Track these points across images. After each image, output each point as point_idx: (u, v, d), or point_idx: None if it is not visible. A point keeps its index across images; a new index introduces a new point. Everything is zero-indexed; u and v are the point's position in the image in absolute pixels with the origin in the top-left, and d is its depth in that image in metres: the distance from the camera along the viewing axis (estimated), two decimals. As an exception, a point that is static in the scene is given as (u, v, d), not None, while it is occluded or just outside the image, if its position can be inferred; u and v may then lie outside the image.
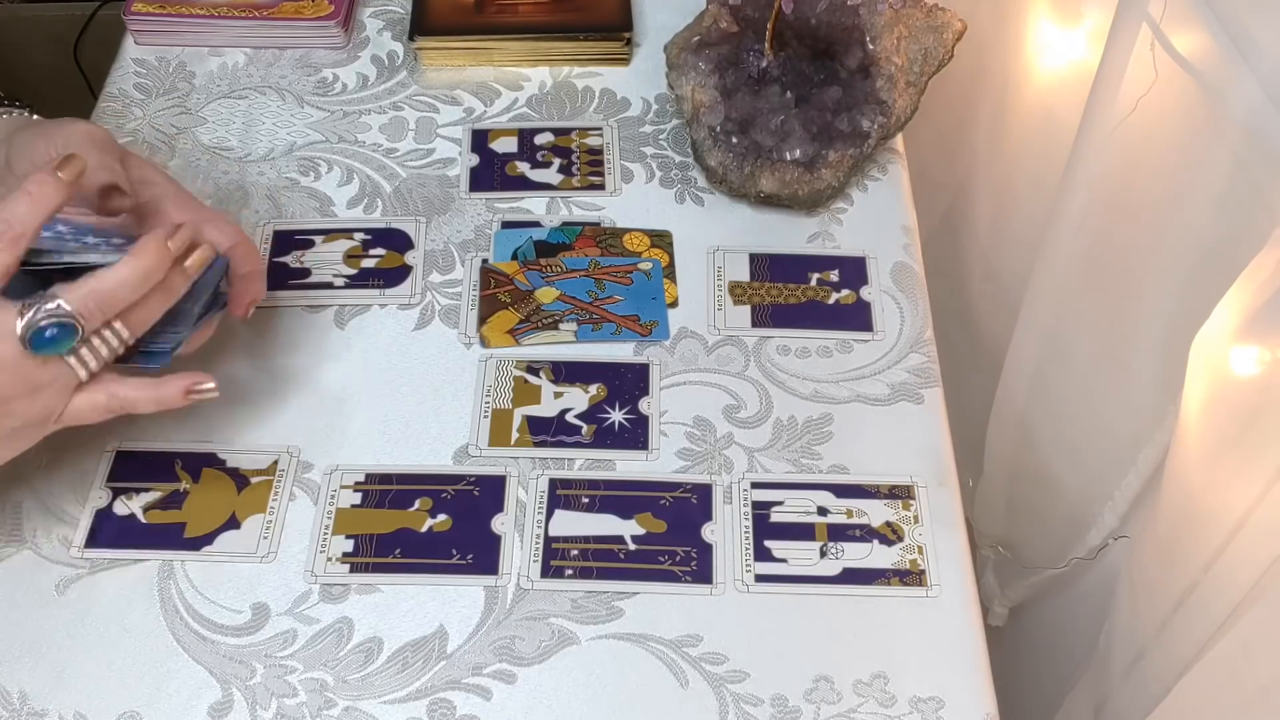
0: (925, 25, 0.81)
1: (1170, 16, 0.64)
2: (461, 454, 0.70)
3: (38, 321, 0.55)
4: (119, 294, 0.57)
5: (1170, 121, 0.67)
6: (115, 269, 0.57)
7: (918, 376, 0.73)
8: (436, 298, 0.77)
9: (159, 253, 0.58)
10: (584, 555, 0.66)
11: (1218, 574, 0.60)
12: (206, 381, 0.62)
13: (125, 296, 0.57)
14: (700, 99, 0.81)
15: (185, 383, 0.61)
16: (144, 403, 0.60)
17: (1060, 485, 0.87)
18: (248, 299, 0.66)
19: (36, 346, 0.55)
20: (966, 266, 1.03)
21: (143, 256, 0.57)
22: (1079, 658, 0.86)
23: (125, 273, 0.57)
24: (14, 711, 0.60)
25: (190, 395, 0.61)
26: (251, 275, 0.66)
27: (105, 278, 0.56)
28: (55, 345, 0.56)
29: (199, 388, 0.61)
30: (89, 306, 0.56)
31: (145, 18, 0.89)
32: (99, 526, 0.66)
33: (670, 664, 0.62)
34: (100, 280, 0.56)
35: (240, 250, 0.65)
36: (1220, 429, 0.59)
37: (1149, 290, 0.73)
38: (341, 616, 0.64)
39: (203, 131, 0.85)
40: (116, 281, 0.57)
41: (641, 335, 0.75)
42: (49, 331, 0.55)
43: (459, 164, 0.84)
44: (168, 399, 0.61)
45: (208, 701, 0.61)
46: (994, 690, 0.62)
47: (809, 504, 0.68)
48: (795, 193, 0.79)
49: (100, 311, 0.57)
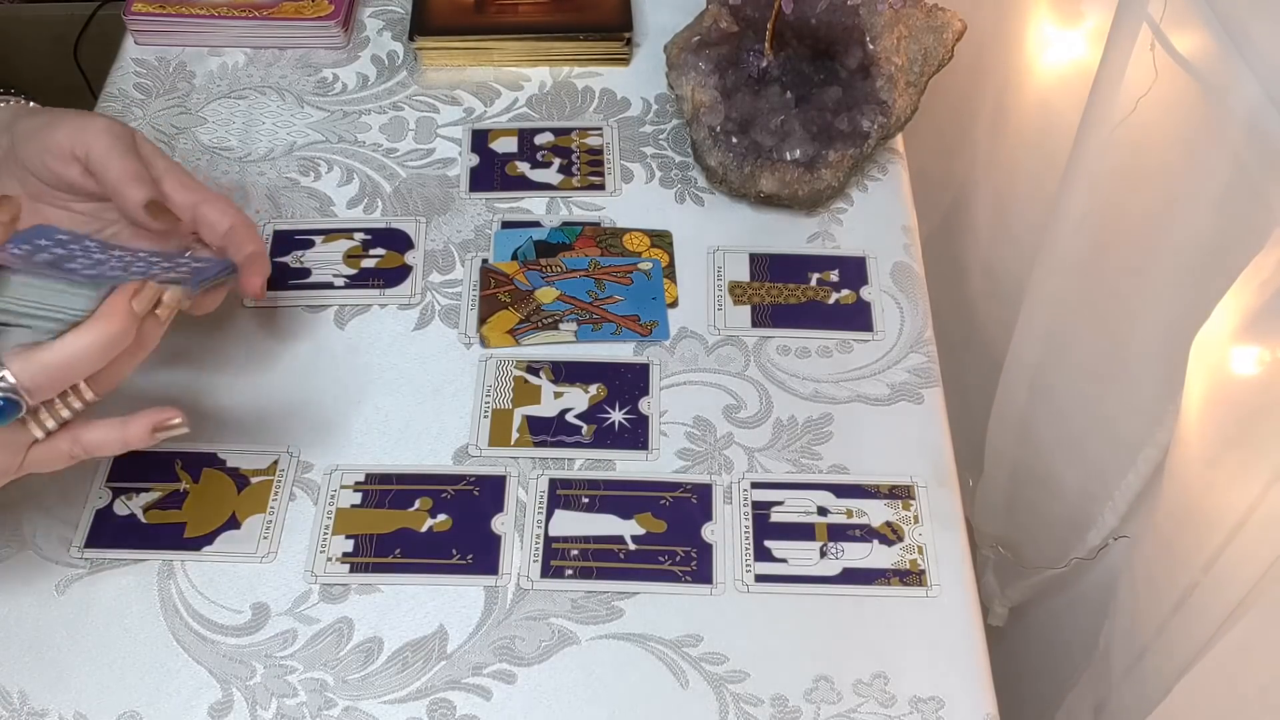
0: (925, 25, 0.81)
1: (1170, 16, 0.64)
2: (461, 454, 0.70)
3: None
4: (76, 367, 0.53)
5: (1170, 121, 0.67)
6: (75, 337, 0.53)
7: (918, 376, 0.73)
8: (436, 298, 0.77)
9: (124, 319, 0.54)
10: (584, 555, 0.66)
11: (1218, 574, 0.60)
12: (174, 417, 0.58)
13: (84, 368, 0.54)
14: (700, 99, 0.81)
15: (151, 420, 0.57)
16: (110, 445, 0.57)
17: (1060, 485, 0.87)
18: (258, 279, 0.64)
19: None
20: (966, 266, 1.03)
21: (104, 325, 0.53)
22: (1079, 658, 0.86)
23: (85, 343, 0.53)
24: (14, 711, 0.60)
25: (157, 433, 0.58)
26: (254, 255, 0.65)
27: (62, 349, 0.53)
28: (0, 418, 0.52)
29: (166, 424, 0.58)
30: (39, 382, 0.53)
31: (145, 18, 0.89)
32: (99, 526, 0.66)
33: (670, 664, 0.62)
34: (55, 353, 0.53)
35: (239, 231, 0.65)
36: (1220, 429, 0.59)
37: (1149, 290, 0.73)
38: (341, 616, 0.64)
39: (203, 131, 0.85)
40: (74, 353, 0.53)
41: (641, 335, 0.75)
42: None
43: (459, 164, 0.84)
44: (133, 439, 0.57)
45: (208, 701, 0.61)
46: (994, 690, 0.62)
47: (809, 504, 0.68)
48: (795, 193, 0.79)
49: (53, 386, 0.53)
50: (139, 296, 0.55)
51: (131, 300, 0.54)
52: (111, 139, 0.61)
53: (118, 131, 0.62)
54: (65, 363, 0.53)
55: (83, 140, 0.61)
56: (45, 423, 0.55)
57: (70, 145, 0.61)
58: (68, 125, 0.62)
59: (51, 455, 0.56)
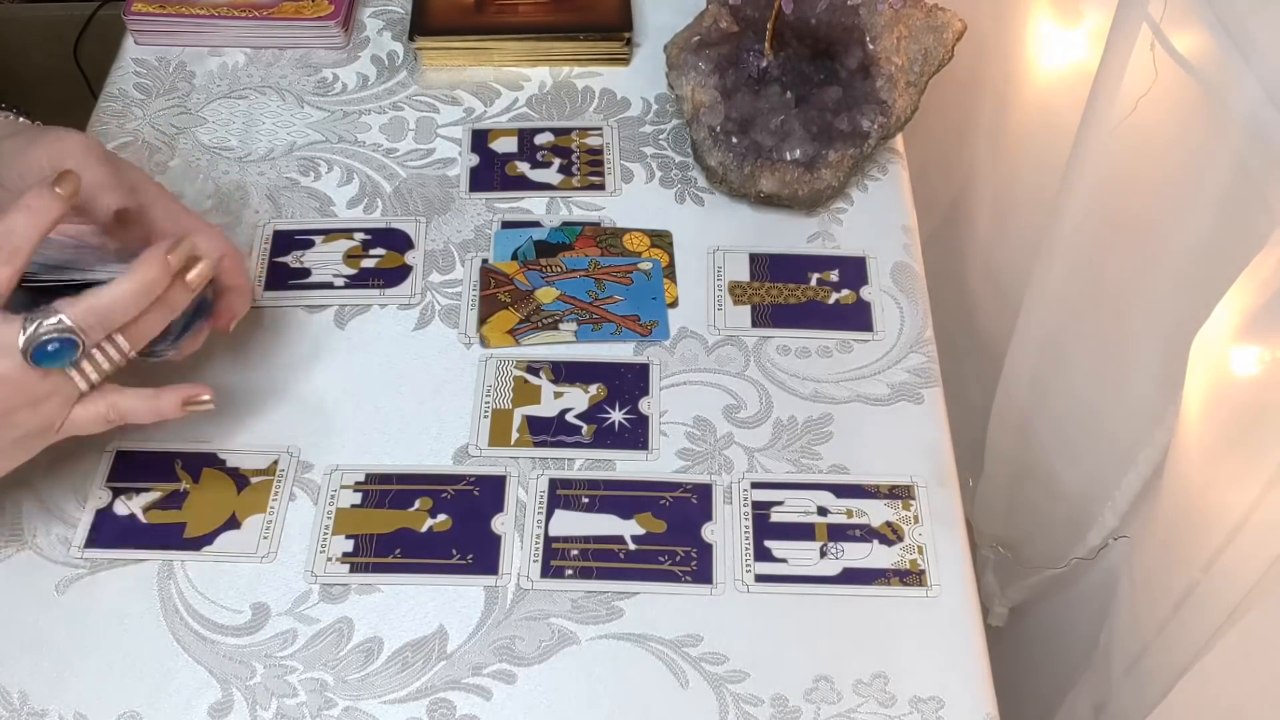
0: (925, 25, 0.81)
1: (1170, 16, 0.64)
2: (461, 454, 0.70)
3: (40, 336, 0.55)
4: (120, 308, 0.57)
5: (1170, 121, 0.67)
6: (116, 284, 0.57)
7: (918, 376, 0.73)
8: (436, 298, 0.77)
9: (160, 267, 0.58)
10: (584, 555, 0.66)
11: (1218, 574, 0.60)
12: (204, 394, 0.63)
13: (126, 311, 0.57)
14: (700, 99, 0.81)
15: (182, 394, 0.62)
16: (143, 414, 0.61)
17: (1060, 485, 0.87)
18: (230, 313, 0.67)
19: (38, 360, 0.56)
20: (966, 266, 1.03)
21: (143, 271, 0.58)
22: (1079, 658, 0.86)
23: (126, 287, 0.57)
24: (14, 711, 0.60)
25: (187, 407, 0.62)
26: (237, 289, 0.66)
27: (106, 293, 0.57)
28: (57, 359, 0.56)
29: (196, 399, 0.62)
30: (90, 321, 0.56)
31: (145, 18, 0.89)
32: (99, 526, 0.66)
33: (670, 664, 0.62)
34: (101, 295, 0.57)
35: (227, 263, 0.65)
36: (1220, 429, 0.59)
37: (1149, 290, 0.73)
38: (341, 616, 0.64)
39: (203, 131, 0.85)
40: (117, 296, 0.57)
41: (641, 335, 0.75)
42: (51, 345, 0.56)
43: (459, 164, 0.84)
44: (165, 410, 0.62)
45: (208, 701, 0.61)
46: (994, 690, 0.62)
47: (809, 504, 0.68)
48: (795, 193, 0.79)
49: (101, 326, 0.57)
50: (175, 250, 0.59)
51: (168, 254, 0.58)
52: (86, 149, 0.62)
53: (94, 146, 0.63)
54: (109, 304, 0.57)
55: (59, 152, 0.62)
56: (89, 374, 0.58)
57: (47, 160, 0.62)
58: (45, 142, 0.63)
59: (89, 415, 0.60)
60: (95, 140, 0.64)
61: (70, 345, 0.56)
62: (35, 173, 0.62)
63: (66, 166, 0.61)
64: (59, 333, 0.56)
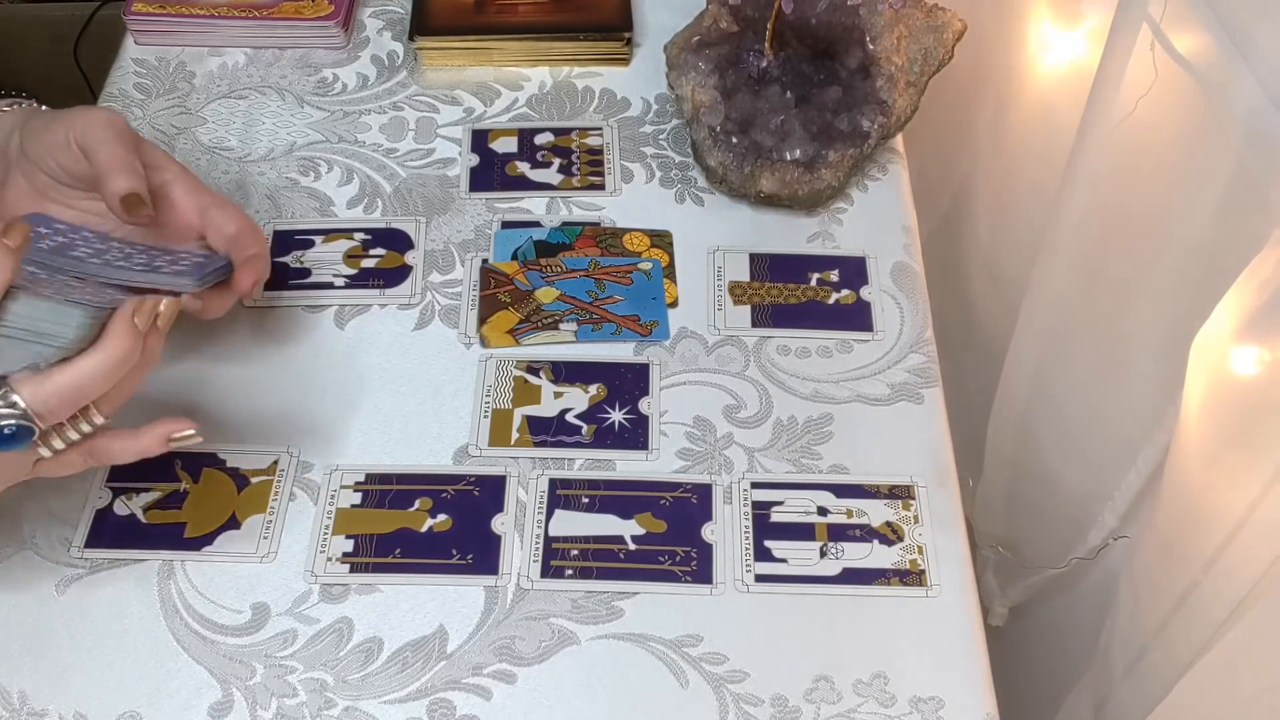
0: (925, 25, 0.81)
1: (1170, 16, 0.64)
2: (461, 454, 0.70)
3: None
4: (86, 390, 0.53)
5: (1170, 121, 0.67)
6: (84, 361, 0.53)
7: (918, 376, 0.73)
8: (436, 298, 0.77)
9: (130, 339, 0.54)
10: (584, 555, 0.66)
11: (1218, 574, 0.60)
12: (187, 428, 0.59)
13: (93, 390, 0.54)
14: (700, 99, 0.81)
15: (165, 430, 0.58)
16: (123, 455, 0.58)
17: (1060, 485, 0.87)
18: (250, 278, 0.64)
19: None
20: (966, 266, 1.03)
21: (113, 347, 0.54)
22: (1079, 658, 0.86)
23: (93, 365, 0.53)
24: (14, 711, 0.60)
25: (171, 443, 0.58)
26: (254, 257, 0.65)
27: (71, 373, 0.53)
28: (11, 443, 0.52)
29: (179, 435, 0.59)
30: (50, 406, 0.53)
31: (145, 18, 0.89)
32: (99, 526, 0.66)
33: (670, 664, 0.62)
34: (65, 376, 0.53)
35: (245, 235, 0.65)
36: (1220, 429, 0.59)
37: (1149, 290, 0.73)
38: (341, 616, 0.64)
39: (203, 131, 0.85)
40: (83, 376, 0.53)
41: (641, 335, 0.75)
42: (5, 429, 0.52)
43: (459, 164, 0.84)
44: (148, 449, 0.58)
45: (208, 701, 0.61)
46: (994, 690, 0.62)
47: (809, 504, 0.68)
48: (795, 193, 0.79)
49: (64, 409, 0.53)
50: (140, 313, 0.55)
51: (133, 317, 0.55)
52: (108, 127, 0.62)
53: (117, 123, 0.63)
54: (76, 385, 0.53)
55: (80, 127, 0.62)
56: (54, 445, 0.55)
57: (71, 135, 0.62)
58: (71, 117, 0.63)
59: (62, 466, 0.57)
60: (119, 118, 0.63)
61: (26, 432, 0.52)
62: (59, 144, 0.62)
63: (87, 142, 0.61)
64: (13, 418, 0.52)
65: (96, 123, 0.62)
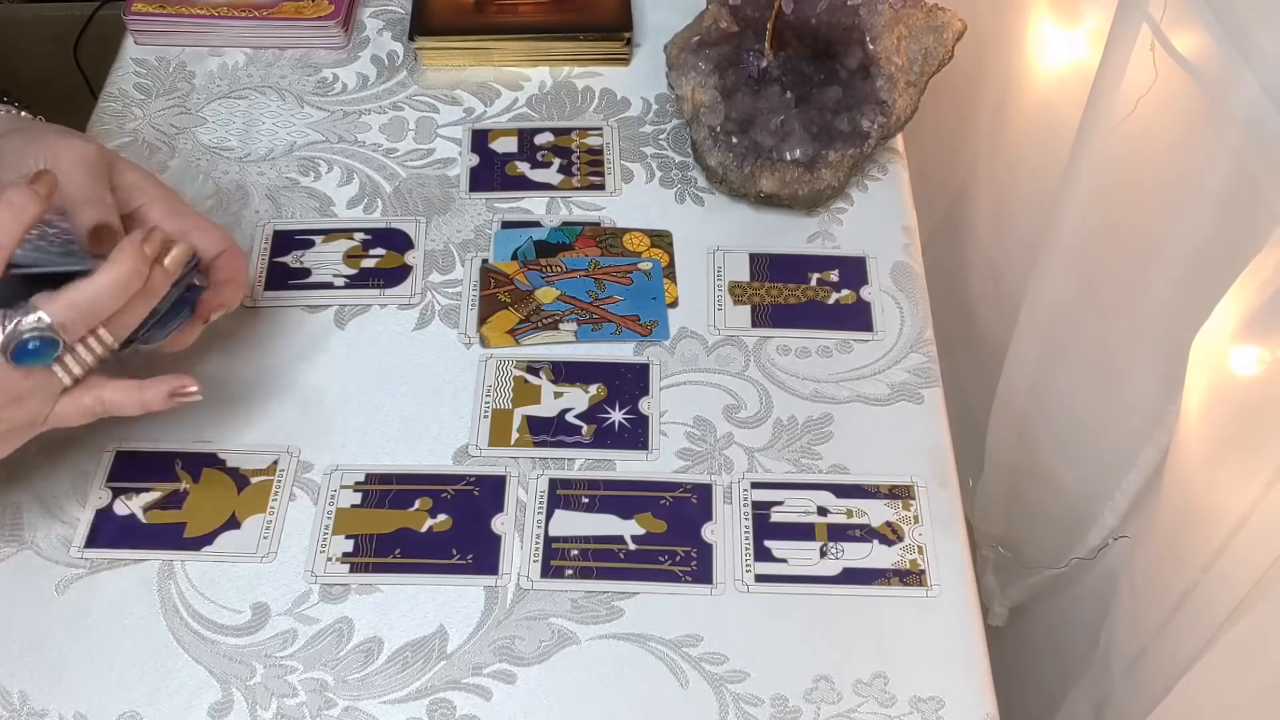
0: (925, 25, 0.81)
1: (1170, 16, 0.64)
2: (461, 454, 0.70)
3: (19, 334, 0.55)
4: (100, 303, 0.57)
5: (1170, 121, 0.67)
6: (95, 278, 0.57)
7: (918, 376, 0.73)
8: (436, 298, 0.77)
9: (136, 258, 0.57)
10: (584, 555, 0.66)
11: (1218, 574, 0.60)
12: (190, 385, 0.62)
13: (107, 305, 0.57)
14: (700, 99, 0.81)
15: (168, 386, 0.61)
16: (128, 406, 0.61)
17: (1060, 485, 0.87)
18: (217, 302, 0.66)
19: (19, 359, 0.56)
20: (966, 266, 1.03)
21: (120, 264, 0.57)
22: (1079, 658, 0.86)
23: (104, 281, 0.57)
24: (14, 711, 0.60)
25: (173, 398, 0.62)
26: (229, 283, 0.66)
27: (85, 288, 0.56)
28: (37, 358, 0.56)
29: (182, 390, 0.62)
30: (70, 318, 0.56)
31: (145, 18, 0.89)
32: (99, 526, 0.66)
33: (670, 664, 0.62)
34: (80, 291, 0.56)
35: (225, 258, 0.65)
36: (1220, 429, 0.59)
37: (1149, 290, 0.73)
38: (341, 616, 0.64)
39: (203, 131, 0.85)
40: (97, 291, 0.57)
41: (641, 335, 0.75)
42: (31, 344, 0.55)
43: (459, 164, 0.84)
44: (151, 402, 0.61)
45: (208, 701, 0.61)
46: (994, 690, 0.62)
47: (809, 504, 0.68)
48: (795, 193, 0.79)
49: (82, 322, 0.57)
50: (149, 240, 0.58)
51: (143, 244, 0.58)
52: (76, 159, 0.62)
53: (87, 153, 0.62)
54: (89, 299, 0.56)
55: (51, 157, 0.61)
56: (72, 368, 0.58)
57: (40, 163, 0.61)
58: (42, 144, 0.62)
59: (74, 409, 0.60)
60: (94, 149, 0.63)
61: (51, 344, 0.56)
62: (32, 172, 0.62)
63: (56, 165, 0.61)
64: (38, 331, 0.55)
65: (64, 153, 0.62)
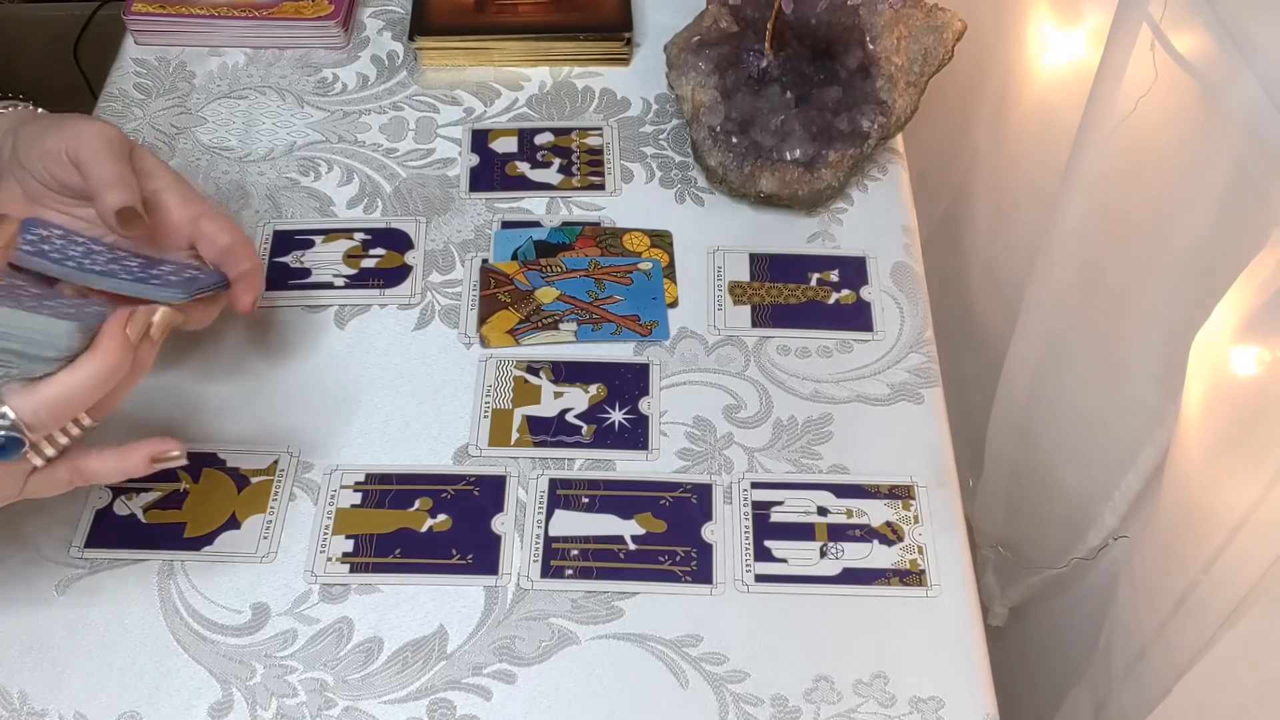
0: (925, 25, 0.81)
1: (1170, 16, 0.64)
2: (461, 454, 0.70)
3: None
4: (76, 401, 0.53)
5: (1170, 121, 0.67)
6: (74, 372, 0.53)
7: (918, 376, 0.73)
8: (436, 298, 0.77)
9: (120, 349, 0.54)
10: (584, 555, 0.66)
11: (1218, 574, 0.60)
12: (173, 450, 0.58)
13: (84, 401, 0.54)
14: (700, 99, 0.81)
15: (149, 451, 0.58)
16: (109, 475, 0.58)
17: (1060, 485, 0.87)
18: (249, 296, 0.65)
19: None
20: (966, 266, 1.03)
21: (103, 358, 0.53)
22: (1079, 658, 0.86)
23: (83, 376, 0.53)
24: (14, 711, 0.60)
25: (155, 463, 0.58)
26: (249, 272, 0.65)
27: (61, 384, 0.53)
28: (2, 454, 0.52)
29: (164, 455, 0.58)
30: (40, 418, 0.52)
31: (145, 18, 0.89)
32: (99, 526, 0.66)
33: (670, 664, 0.62)
34: (55, 388, 0.52)
35: (237, 248, 0.65)
36: (1220, 429, 0.59)
37: (1149, 290, 0.73)
38: (341, 616, 0.64)
39: (203, 131, 0.85)
40: (74, 388, 0.53)
41: (641, 335, 0.75)
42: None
43: (459, 164, 0.84)
44: (132, 469, 0.58)
45: (208, 701, 0.61)
46: (994, 690, 0.62)
47: (809, 504, 0.68)
48: (795, 193, 0.79)
49: (53, 421, 0.53)
50: (132, 323, 0.54)
51: (125, 328, 0.54)
52: (101, 142, 0.61)
53: (111, 136, 0.62)
54: (66, 397, 0.53)
55: (75, 141, 0.61)
56: (45, 451, 0.55)
57: (63, 147, 0.61)
58: (64, 128, 0.62)
59: (48, 484, 0.57)
60: (115, 131, 0.63)
61: (16, 443, 0.52)
62: (52, 156, 0.62)
63: (80, 156, 0.61)
64: (2, 430, 0.52)
65: (89, 135, 0.61)
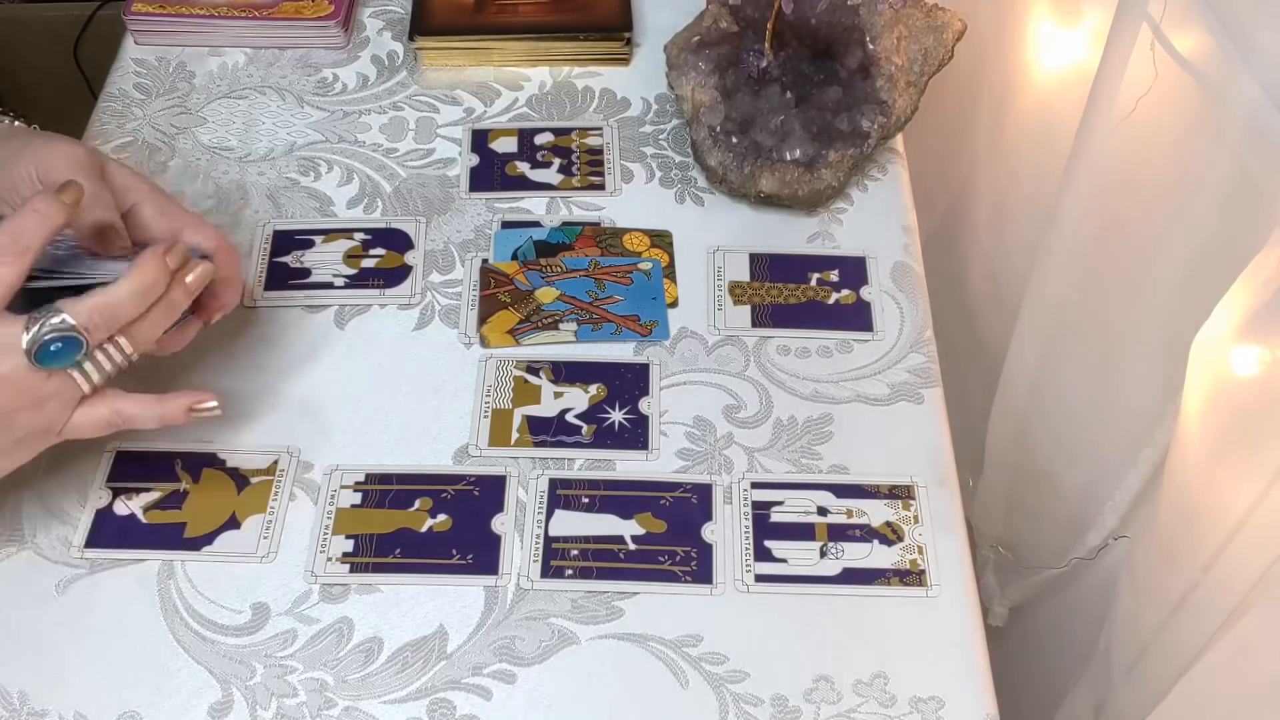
0: (925, 25, 0.81)
1: (1170, 16, 0.64)
2: (461, 454, 0.70)
3: (43, 335, 0.56)
4: (122, 309, 0.58)
5: (1170, 121, 0.67)
6: (118, 285, 0.58)
7: (918, 376, 0.73)
8: (436, 298, 0.77)
9: (158, 268, 0.59)
10: (584, 555, 0.66)
11: (1218, 574, 0.60)
12: (209, 400, 0.62)
13: (128, 311, 0.58)
14: (700, 99, 0.81)
15: (188, 400, 0.62)
16: (147, 419, 0.61)
17: (1060, 485, 0.87)
18: (217, 304, 0.66)
19: (42, 360, 0.56)
20: (966, 266, 1.03)
21: (143, 272, 0.58)
22: (1079, 658, 0.86)
23: (127, 288, 0.58)
24: (14, 711, 0.60)
25: (192, 413, 0.62)
26: (225, 281, 0.66)
27: (109, 293, 0.57)
28: (60, 359, 0.56)
29: (201, 406, 0.62)
30: (94, 321, 0.57)
31: (145, 18, 0.89)
32: (99, 526, 0.66)
33: (670, 664, 0.62)
34: (104, 295, 0.57)
35: (219, 257, 0.65)
36: (1220, 429, 0.59)
37: (1149, 290, 0.73)
38: (341, 616, 0.64)
39: (203, 131, 0.85)
40: (120, 296, 0.58)
41: (641, 335, 0.75)
42: (54, 345, 0.56)
43: (459, 164, 0.84)
44: (170, 416, 0.62)
45: (208, 701, 0.61)
46: (994, 690, 0.62)
47: (809, 504, 0.68)
48: (795, 193, 0.79)
49: (104, 326, 0.57)
50: (171, 252, 0.59)
51: (165, 255, 0.59)
52: (70, 162, 0.62)
53: (78, 155, 0.63)
54: (112, 303, 0.57)
55: (43, 165, 0.62)
56: (91, 375, 0.58)
57: (32, 172, 0.62)
58: (31, 152, 0.62)
59: (91, 420, 0.60)
60: (83, 150, 0.63)
61: (74, 344, 0.56)
62: (24, 182, 0.62)
63: (51, 179, 0.61)
64: (63, 332, 0.56)
65: (57, 157, 0.62)
